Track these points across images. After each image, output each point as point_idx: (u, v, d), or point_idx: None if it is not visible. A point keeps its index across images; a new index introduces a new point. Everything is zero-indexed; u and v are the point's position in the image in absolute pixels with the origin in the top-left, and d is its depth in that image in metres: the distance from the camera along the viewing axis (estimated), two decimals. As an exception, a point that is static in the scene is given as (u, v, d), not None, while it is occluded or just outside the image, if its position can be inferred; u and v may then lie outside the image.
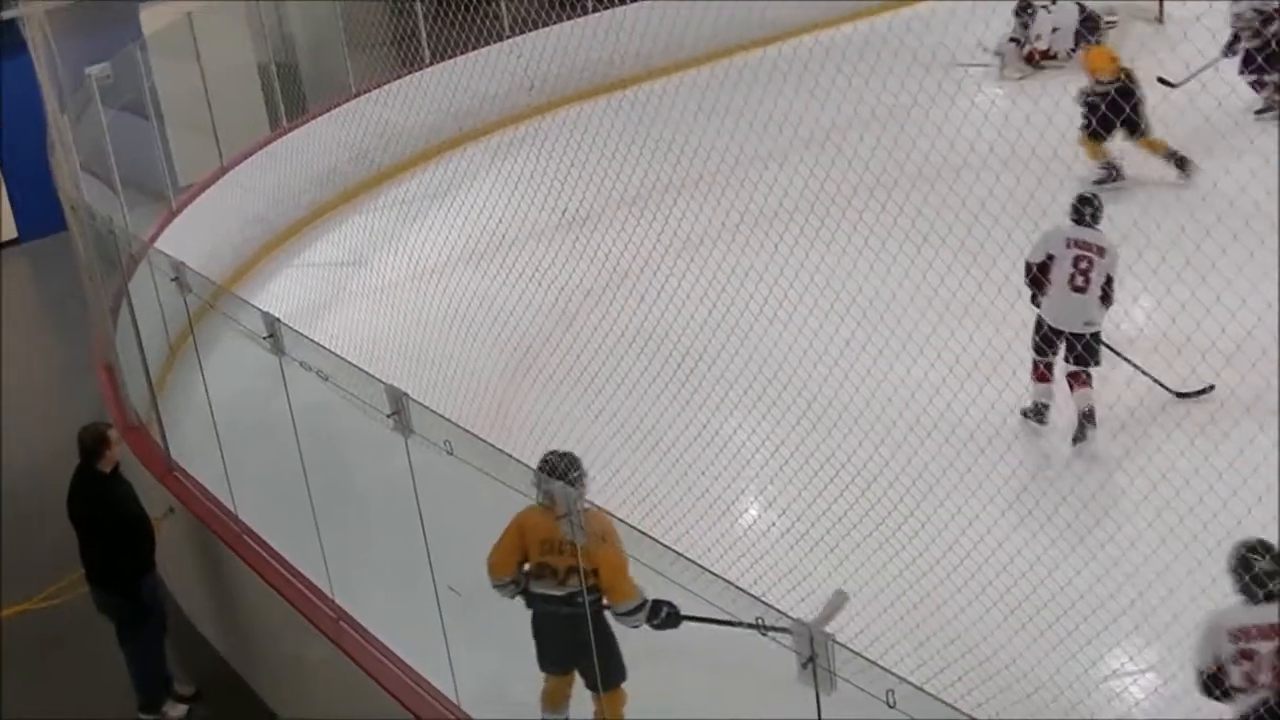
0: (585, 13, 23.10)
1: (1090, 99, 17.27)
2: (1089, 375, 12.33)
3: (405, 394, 8.17)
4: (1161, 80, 17.55)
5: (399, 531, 8.67)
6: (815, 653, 5.67)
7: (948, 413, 12.13)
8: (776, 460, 11.95)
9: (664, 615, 8.15)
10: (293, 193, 19.55)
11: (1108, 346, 12.56)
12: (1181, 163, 16.99)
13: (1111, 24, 21.64)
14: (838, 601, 7.71)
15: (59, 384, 17.77)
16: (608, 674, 8.59)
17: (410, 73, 21.95)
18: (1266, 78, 18.37)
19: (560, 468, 8.37)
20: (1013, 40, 21.86)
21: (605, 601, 8.31)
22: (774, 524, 11.33)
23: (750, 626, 6.30)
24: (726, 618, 6.46)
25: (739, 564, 9.95)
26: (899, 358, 12.62)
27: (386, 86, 21.41)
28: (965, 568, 10.09)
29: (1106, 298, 12.35)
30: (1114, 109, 16.62)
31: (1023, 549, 10.17)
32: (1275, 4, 18.19)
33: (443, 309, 14.74)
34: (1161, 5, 22.56)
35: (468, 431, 7.83)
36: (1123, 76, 17.19)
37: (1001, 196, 13.25)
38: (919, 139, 15.15)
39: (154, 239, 15.83)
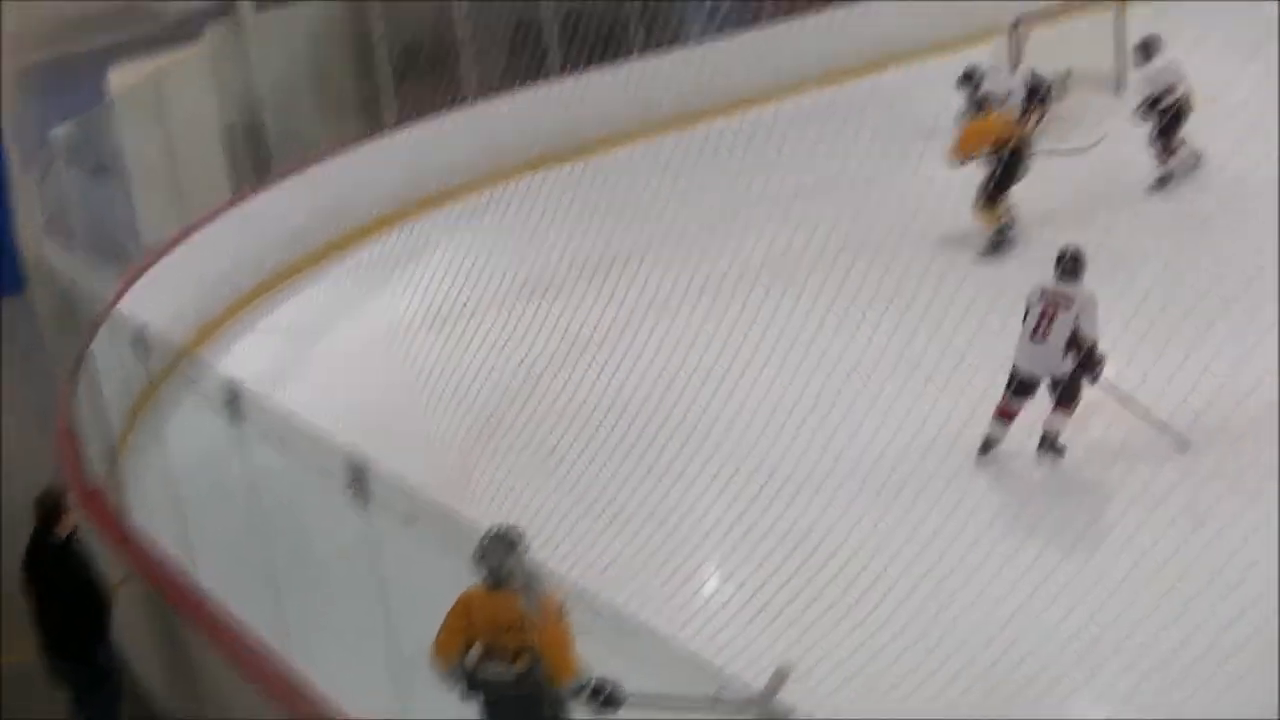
0: (548, 79, 23.13)
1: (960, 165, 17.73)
2: (1076, 401, 12.78)
3: (366, 461, 8.13)
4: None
5: (359, 599, 8.62)
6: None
7: (911, 481, 12.14)
8: (738, 530, 11.94)
9: (605, 695, 8.05)
10: (257, 255, 19.52)
11: (1117, 395, 12.77)
12: (998, 245, 17.27)
13: (1063, 91, 21.72)
14: (779, 677, 7.68)
15: (18, 446, 17.65)
16: None
17: (375, 136, 21.95)
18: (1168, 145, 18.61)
19: (500, 549, 8.23)
20: (969, 111, 21.86)
21: (555, 682, 8.17)
22: (734, 595, 11.30)
23: (699, 708, 6.23)
24: (677, 695, 6.41)
25: (701, 634, 9.93)
26: (861, 427, 12.64)
27: (352, 149, 21.39)
28: (929, 637, 10.09)
29: (1074, 347, 12.60)
30: (1009, 174, 17.13)
31: (987, 617, 10.17)
32: (1170, 80, 18.45)
33: (405, 375, 14.73)
34: (1122, 73, 22.66)
35: (429, 500, 7.81)
36: (1013, 143, 17.53)
37: (962, 265, 13.35)
38: (881, 208, 15.23)
39: (117, 300, 15.76)
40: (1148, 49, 18.90)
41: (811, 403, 12.74)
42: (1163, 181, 18.46)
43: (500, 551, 8.09)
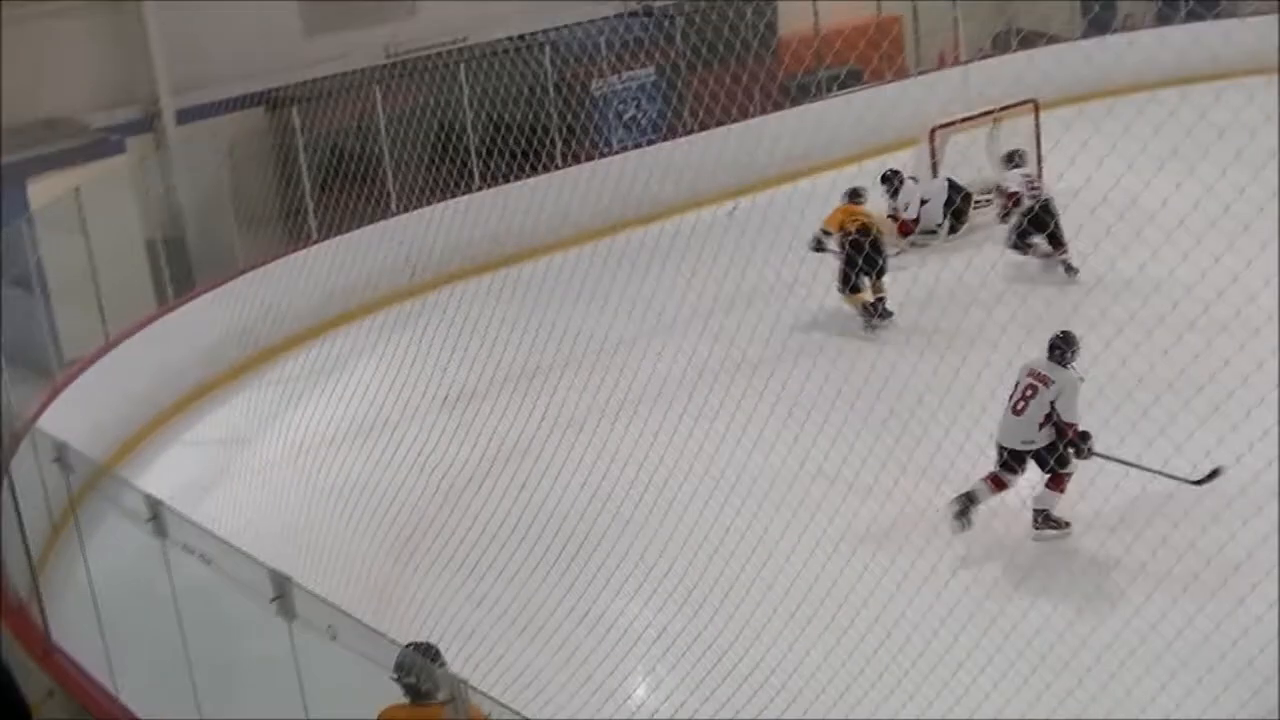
0: (470, 190, 23.27)
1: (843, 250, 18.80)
2: (1064, 478, 13.40)
3: (288, 577, 8.15)
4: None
5: (283, 713, 8.61)
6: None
7: (835, 590, 12.18)
8: (663, 641, 11.97)
9: None
10: (178, 369, 19.48)
11: (1106, 457, 13.22)
12: (883, 315, 18.75)
13: (983, 203, 22.10)
14: None
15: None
16: None
17: (297, 248, 21.99)
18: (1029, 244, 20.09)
19: (419, 662, 8.12)
20: (889, 216, 22.07)
21: None
22: (661, 705, 11.33)
23: None
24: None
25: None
26: (784, 535, 12.70)
27: (274, 262, 21.41)
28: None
29: (1051, 423, 13.27)
30: (851, 261, 18.48)
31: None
32: (1020, 186, 20.43)
33: (326, 489, 14.74)
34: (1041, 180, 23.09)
35: (351, 616, 7.82)
36: (857, 229, 18.86)
37: (885, 371, 13.52)
38: (799, 316, 15.38)
39: (37, 416, 15.72)
40: (1012, 158, 20.84)
41: (734, 512, 12.82)
42: (1069, 269, 19.69)
43: (421, 665, 8.08)
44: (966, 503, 13.27)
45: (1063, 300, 17.69)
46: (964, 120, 23.08)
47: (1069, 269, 19.68)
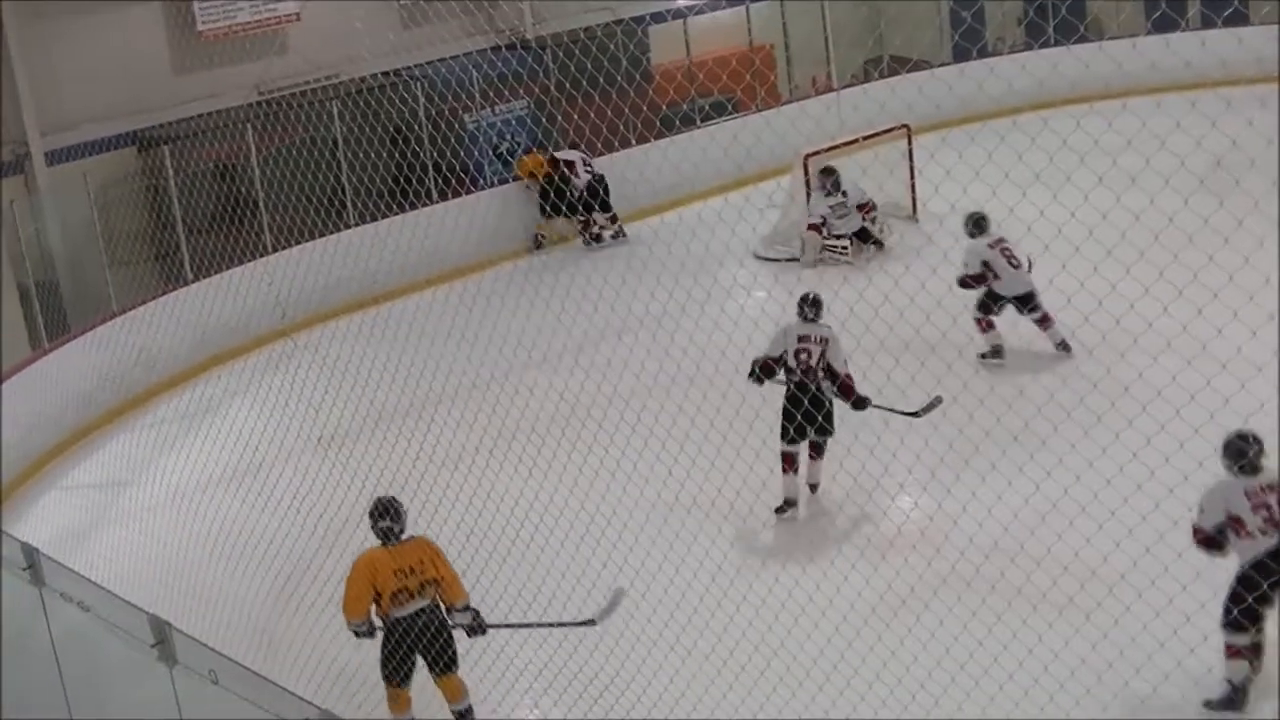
0: (345, 227, 23.27)
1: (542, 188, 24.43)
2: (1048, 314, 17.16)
3: (168, 622, 8.17)
4: None
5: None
6: None
7: (713, 620, 12.27)
8: (545, 676, 12.02)
9: (478, 617, 11.26)
10: (54, 415, 19.36)
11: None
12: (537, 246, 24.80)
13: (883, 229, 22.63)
14: (617, 596, 11.21)
15: None
16: (451, 661, 11.29)
17: (172, 290, 21.90)
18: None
19: (394, 507, 11.24)
20: (811, 227, 22.33)
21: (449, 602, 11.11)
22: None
23: (545, 626, 10.26)
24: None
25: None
26: (661, 567, 12.78)
27: (148, 305, 21.28)
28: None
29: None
30: (545, 195, 24.09)
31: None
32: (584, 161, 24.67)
33: (205, 533, 14.70)
34: (914, 204, 23.47)
35: (233, 660, 7.85)
36: (550, 170, 24.52)
37: (755, 401, 13.65)
38: (670, 346, 15.49)
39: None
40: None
41: (611, 545, 12.90)
42: (596, 240, 24.94)
43: (396, 511, 11.20)
44: (997, 353, 17.40)
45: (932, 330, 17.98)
46: (836, 146, 23.37)
47: (620, 234, 24.79)
